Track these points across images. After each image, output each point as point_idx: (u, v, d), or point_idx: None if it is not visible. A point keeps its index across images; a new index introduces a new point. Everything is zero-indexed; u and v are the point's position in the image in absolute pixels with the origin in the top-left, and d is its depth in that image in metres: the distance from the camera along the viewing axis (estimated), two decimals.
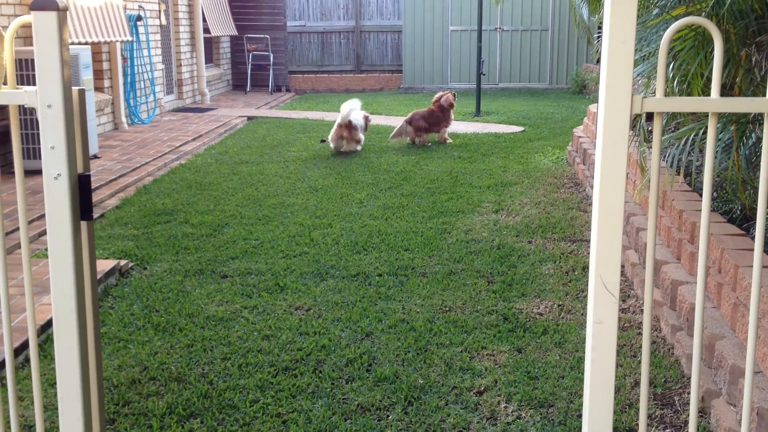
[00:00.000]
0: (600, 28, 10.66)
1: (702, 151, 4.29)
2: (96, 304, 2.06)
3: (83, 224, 1.98)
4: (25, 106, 1.90)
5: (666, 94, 3.90)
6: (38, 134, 7.62)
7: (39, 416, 2.15)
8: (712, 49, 4.07)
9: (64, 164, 1.88)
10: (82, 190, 1.93)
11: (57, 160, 1.87)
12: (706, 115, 4.40)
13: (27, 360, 3.72)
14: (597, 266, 1.96)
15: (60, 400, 2.06)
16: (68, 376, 2.03)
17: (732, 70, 4.11)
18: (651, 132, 5.92)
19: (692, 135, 4.23)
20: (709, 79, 4.19)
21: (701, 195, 4.69)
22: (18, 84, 7.74)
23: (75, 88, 1.89)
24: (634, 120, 4.74)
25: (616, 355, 2.00)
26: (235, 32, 16.88)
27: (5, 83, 1.94)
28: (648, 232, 2.00)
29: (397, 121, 12.11)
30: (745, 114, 3.99)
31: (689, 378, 3.52)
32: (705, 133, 4.14)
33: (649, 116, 6.30)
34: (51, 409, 3.21)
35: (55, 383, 2.91)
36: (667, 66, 4.20)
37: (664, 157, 4.59)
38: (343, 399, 3.39)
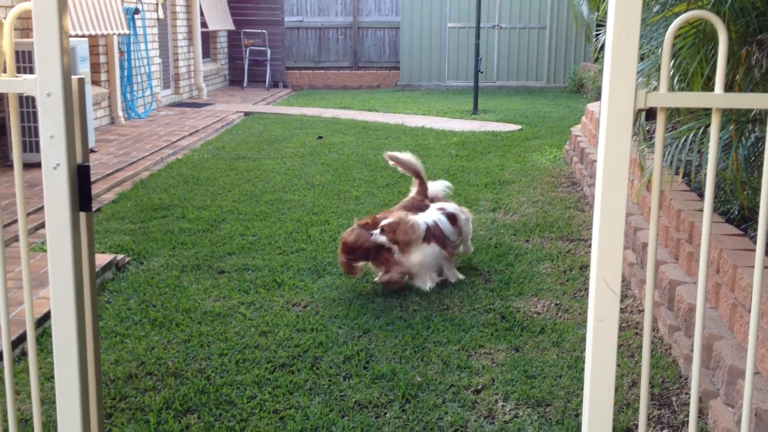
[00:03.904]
0: (600, 25, 10.67)
1: (701, 151, 4.28)
2: (95, 295, 2.04)
3: (82, 215, 1.96)
4: (24, 94, 1.88)
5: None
6: (35, 127, 7.58)
7: (36, 410, 2.13)
8: (713, 47, 4.07)
9: (63, 154, 1.86)
10: (81, 181, 1.91)
11: (56, 149, 1.85)
12: (705, 114, 4.39)
13: (23, 353, 3.70)
14: (598, 263, 1.94)
15: (58, 394, 2.04)
16: (66, 369, 2.01)
17: (732, 69, 4.11)
18: (650, 131, 5.91)
19: (691, 134, 4.23)
20: (709, 78, 4.19)
21: (700, 195, 4.69)
22: None
23: (74, 77, 1.86)
24: (637, 115, 4.73)
25: (616, 353, 1.99)
26: (232, 27, 16.83)
27: (5, 71, 1.92)
28: (650, 227, 1.99)
29: (394, 119, 12.10)
30: (745, 113, 3.98)
31: (687, 378, 3.51)
32: (704, 132, 4.14)
33: (648, 115, 6.29)
34: (47, 402, 3.19)
35: (52, 377, 2.89)
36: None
37: (663, 156, 4.58)
38: (340, 396, 3.38)
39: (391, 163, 5.41)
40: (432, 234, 4.63)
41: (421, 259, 4.57)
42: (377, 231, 4.56)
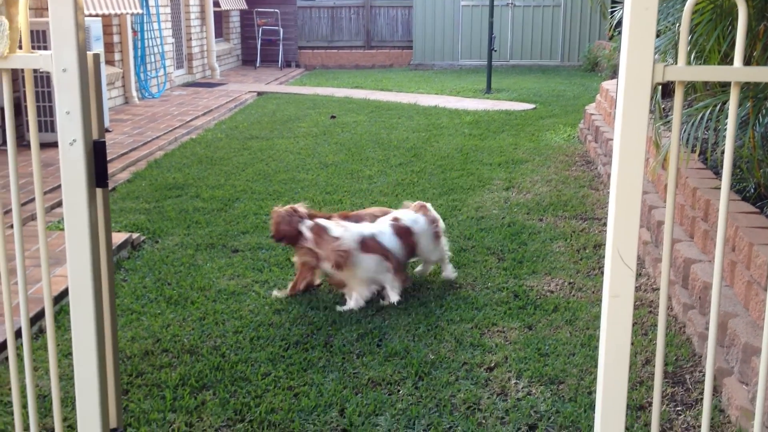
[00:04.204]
0: (615, 2, 10.52)
1: (717, 128, 4.24)
2: (112, 270, 2.06)
3: (98, 191, 1.97)
4: (40, 70, 1.88)
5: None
6: (49, 106, 7.61)
7: (54, 386, 2.16)
8: (730, 23, 4.01)
9: (80, 130, 1.87)
10: (97, 157, 1.92)
11: (72, 125, 1.86)
12: (722, 91, 4.35)
13: (41, 331, 3.74)
14: (614, 238, 1.93)
15: (76, 370, 2.06)
16: (84, 345, 2.02)
17: (749, 45, 4.06)
18: (665, 110, 5.86)
19: (707, 112, 4.19)
20: (726, 55, 4.14)
21: (715, 173, 4.65)
22: None
23: (89, 53, 1.86)
24: (654, 90, 4.70)
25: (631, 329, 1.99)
26: (245, 6, 16.76)
27: (20, 48, 1.92)
28: (667, 204, 1.98)
29: (407, 98, 12.05)
30: (763, 89, 3.94)
31: (701, 356, 3.51)
32: (721, 109, 4.09)
33: (664, 93, 6.23)
34: (65, 379, 3.23)
35: (70, 354, 2.92)
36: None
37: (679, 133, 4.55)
38: (354, 373, 3.40)
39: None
40: (368, 246, 4.05)
41: (356, 271, 4.04)
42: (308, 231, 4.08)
